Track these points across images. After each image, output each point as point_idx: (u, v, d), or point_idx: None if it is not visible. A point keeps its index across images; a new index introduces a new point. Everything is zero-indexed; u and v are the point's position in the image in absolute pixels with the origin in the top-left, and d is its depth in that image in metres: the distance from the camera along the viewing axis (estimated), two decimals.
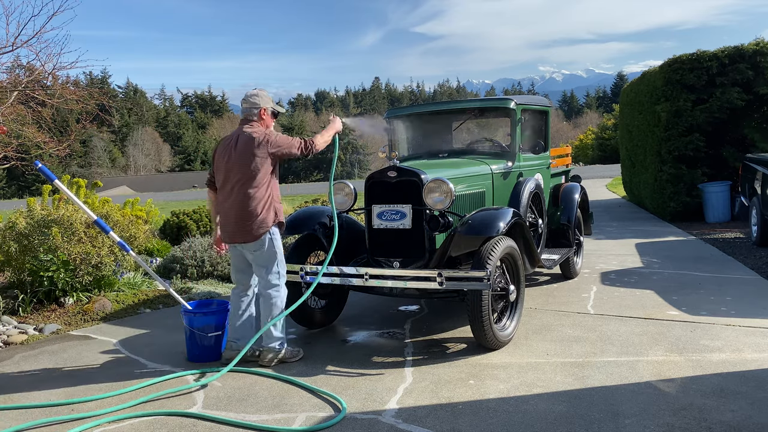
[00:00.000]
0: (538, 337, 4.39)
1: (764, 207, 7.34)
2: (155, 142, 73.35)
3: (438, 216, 4.21)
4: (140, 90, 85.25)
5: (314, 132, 64.46)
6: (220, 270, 6.85)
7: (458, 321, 4.94)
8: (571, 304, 5.33)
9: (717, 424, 2.89)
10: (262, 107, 4.13)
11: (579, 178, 6.96)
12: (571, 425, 2.96)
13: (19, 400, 3.61)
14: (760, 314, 4.69)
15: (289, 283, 4.61)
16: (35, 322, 5.33)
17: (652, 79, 11.05)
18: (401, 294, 4.46)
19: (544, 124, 6.08)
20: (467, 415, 3.15)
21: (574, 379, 3.57)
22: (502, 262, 4.22)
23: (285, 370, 3.93)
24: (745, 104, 9.90)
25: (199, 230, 8.91)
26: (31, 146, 8.62)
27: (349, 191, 4.77)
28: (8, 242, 5.88)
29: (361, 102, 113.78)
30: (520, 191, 5.14)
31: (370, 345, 4.46)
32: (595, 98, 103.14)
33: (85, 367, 4.17)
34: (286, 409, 3.33)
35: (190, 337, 4.20)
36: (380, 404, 3.33)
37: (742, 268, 6.43)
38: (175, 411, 3.33)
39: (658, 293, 5.51)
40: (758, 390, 3.27)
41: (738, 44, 10.17)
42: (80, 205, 4.52)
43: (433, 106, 6.06)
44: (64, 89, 8.37)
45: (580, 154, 46.72)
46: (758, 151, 9.45)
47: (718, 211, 10.00)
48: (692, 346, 4.05)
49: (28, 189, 49.70)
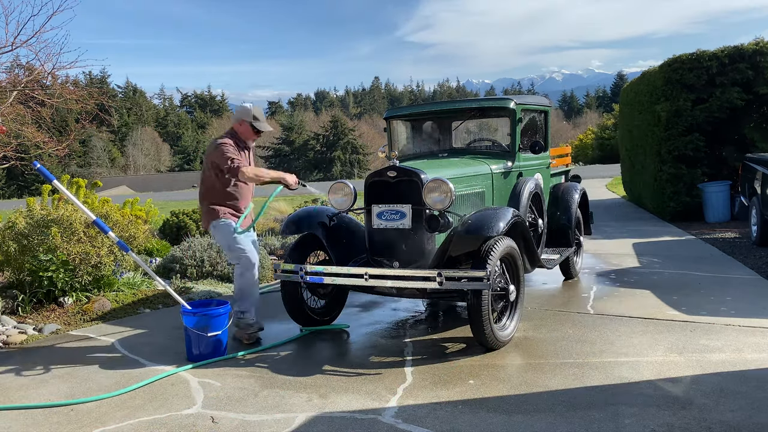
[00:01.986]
0: (538, 337, 4.39)
1: (764, 207, 7.34)
2: (155, 141, 73.33)
3: (438, 216, 4.21)
4: (140, 90, 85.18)
5: (313, 131, 63.86)
6: (220, 270, 6.84)
7: (458, 321, 4.94)
8: (571, 304, 5.33)
9: (717, 424, 2.89)
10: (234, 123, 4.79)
11: (579, 177, 6.96)
12: (571, 425, 2.96)
13: (19, 400, 3.60)
14: (760, 314, 4.69)
15: (289, 282, 4.62)
16: (35, 322, 5.32)
17: (651, 79, 11.04)
18: (401, 294, 4.46)
19: (544, 123, 6.07)
20: (467, 415, 3.14)
21: (574, 378, 3.56)
22: (502, 262, 4.22)
23: (285, 370, 3.93)
24: (744, 104, 9.90)
25: (199, 230, 8.90)
26: (30, 146, 8.62)
27: (349, 191, 4.77)
28: (8, 242, 5.87)
29: (360, 102, 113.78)
30: (519, 191, 5.13)
31: (369, 345, 4.46)
32: (595, 98, 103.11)
33: (84, 367, 4.16)
34: (286, 409, 3.33)
35: (189, 337, 4.20)
36: (380, 404, 3.33)
37: (742, 268, 6.43)
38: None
39: (658, 293, 5.51)
40: (758, 390, 3.27)
41: (738, 44, 10.17)
42: (79, 205, 4.53)
43: (432, 106, 6.06)
44: (63, 89, 8.37)
45: (580, 154, 46.69)
46: (758, 151, 9.45)
47: (717, 211, 9.99)
48: (692, 346, 4.05)
49: (28, 189, 49.67)
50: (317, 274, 4.34)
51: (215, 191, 4.63)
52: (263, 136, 4.98)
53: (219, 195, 4.63)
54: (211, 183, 4.63)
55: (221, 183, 4.59)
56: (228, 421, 3.20)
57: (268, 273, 6.92)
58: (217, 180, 4.59)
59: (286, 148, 66.34)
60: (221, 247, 5.00)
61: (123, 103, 72.43)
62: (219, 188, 4.62)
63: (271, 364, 4.10)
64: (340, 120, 65.78)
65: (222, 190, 4.62)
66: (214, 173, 4.59)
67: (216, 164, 4.54)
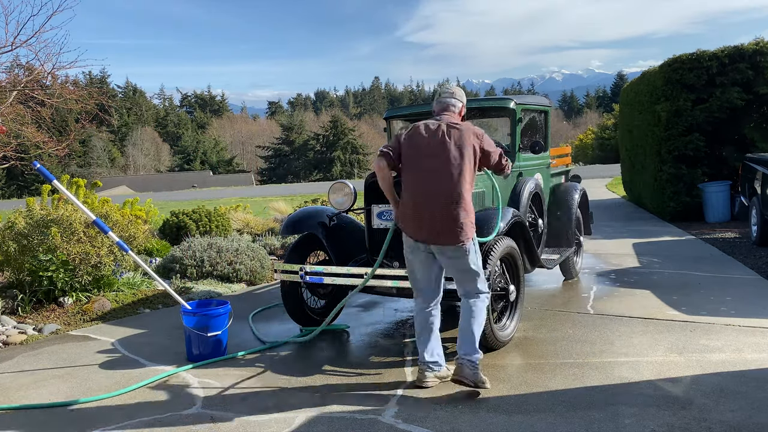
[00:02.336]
0: (538, 337, 4.39)
1: (764, 207, 7.33)
2: (154, 141, 73.27)
3: None
4: (139, 90, 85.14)
5: (313, 131, 63.56)
6: (220, 270, 6.84)
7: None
8: (571, 304, 5.33)
9: (717, 424, 2.89)
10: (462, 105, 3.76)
11: (579, 177, 6.95)
12: (571, 425, 2.96)
13: (18, 400, 3.60)
14: (760, 314, 4.69)
15: (289, 282, 4.62)
16: (34, 322, 5.32)
17: (652, 79, 11.04)
18: (401, 294, 4.46)
19: (544, 123, 6.07)
20: (467, 415, 3.14)
21: (574, 378, 3.56)
22: (502, 262, 4.22)
23: (285, 370, 3.93)
24: (745, 104, 9.89)
25: (199, 230, 8.90)
26: (30, 146, 8.61)
27: (349, 191, 4.77)
28: (7, 242, 5.88)
29: (360, 102, 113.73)
30: (520, 191, 5.13)
31: (369, 345, 4.46)
32: (595, 98, 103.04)
33: (84, 367, 4.16)
34: (285, 408, 3.32)
35: (189, 337, 4.20)
36: (380, 404, 3.33)
37: (742, 268, 6.43)
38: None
39: (658, 293, 5.51)
40: (758, 390, 3.27)
41: (738, 44, 10.17)
42: (79, 205, 4.52)
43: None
44: (63, 89, 8.37)
45: (580, 154, 46.71)
46: (758, 151, 9.45)
47: (717, 210, 9.99)
48: (692, 346, 4.05)
49: (28, 189, 49.64)
50: (317, 274, 4.34)
51: (466, 192, 3.47)
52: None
53: (468, 197, 3.49)
54: (468, 179, 3.48)
55: (471, 181, 3.52)
56: (228, 421, 3.20)
57: (268, 273, 6.92)
58: (470, 176, 3.49)
59: (286, 148, 66.30)
60: (464, 269, 3.53)
61: (123, 103, 72.38)
62: (468, 189, 3.50)
63: (271, 364, 4.10)
64: (340, 120, 65.73)
65: (469, 191, 3.53)
66: (470, 165, 3.48)
67: (486, 153, 3.56)
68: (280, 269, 4.49)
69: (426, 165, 3.48)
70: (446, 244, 3.43)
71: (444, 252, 3.48)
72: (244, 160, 74.42)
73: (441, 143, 3.48)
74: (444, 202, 3.41)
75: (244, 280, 6.84)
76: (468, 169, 3.46)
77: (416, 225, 3.48)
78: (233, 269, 6.82)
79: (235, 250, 7.04)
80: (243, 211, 11.21)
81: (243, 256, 6.98)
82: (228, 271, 6.82)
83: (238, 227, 10.02)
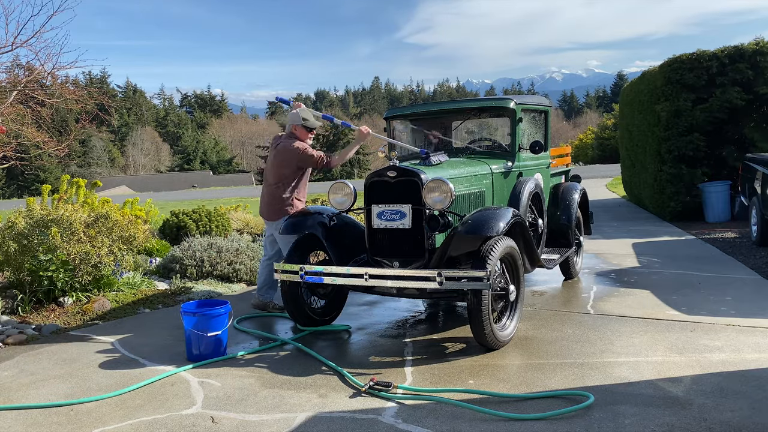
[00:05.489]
0: (538, 337, 4.39)
1: (764, 207, 7.33)
2: (154, 141, 73.33)
3: (438, 216, 4.21)
4: (139, 90, 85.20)
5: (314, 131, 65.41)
6: (220, 270, 6.84)
7: (458, 321, 4.94)
8: (571, 304, 5.33)
9: (717, 424, 2.89)
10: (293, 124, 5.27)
11: (579, 177, 6.95)
12: (571, 425, 2.96)
13: (18, 400, 3.60)
14: (760, 314, 4.69)
15: (289, 282, 4.61)
16: (34, 321, 5.32)
17: (652, 79, 11.04)
18: (401, 294, 4.46)
19: (543, 123, 6.07)
20: (467, 414, 3.14)
21: (574, 378, 3.56)
22: (502, 262, 4.22)
23: (285, 370, 3.93)
24: (745, 104, 9.90)
25: (199, 230, 8.90)
26: (30, 146, 8.62)
27: (349, 191, 4.77)
28: (7, 242, 5.87)
29: (360, 102, 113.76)
30: (519, 191, 5.13)
31: (369, 345, 4.46)
32: (595, 98, 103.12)
33: (84, 367, 4.16)
34: (286, 409, 3.32)
35: (189, 337, 4.20)
36: (380, 404, 3.33)
37: (742, 268, 6.43)
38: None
39: (657, 293, 5.51)
40: (758, 390, 3.27)
41: (738, 44, 10.17)
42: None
43: (432, 106, 6.05)
44: (63, 89, 8.37)
45: (580, 154, 46.69)
46: (758, 151, 9.45)
47: (717, 210, 9.99)
48: (692, 346, 4.05)
49: (28, 189, 49.67)
50: (317, 274, 4.34)
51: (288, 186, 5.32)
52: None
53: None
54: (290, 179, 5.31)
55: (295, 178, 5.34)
56: (228, 421, 3.20)
57: None
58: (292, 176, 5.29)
59: None
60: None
61: (123, 103, 72.38)
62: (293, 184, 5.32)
63: (271, 364, 4.10)
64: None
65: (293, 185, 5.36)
66: (289, 171, 5.24)
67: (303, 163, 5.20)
68: (280, 269, 4.49)
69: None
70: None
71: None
72: (244, 160, 74.45)
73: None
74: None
75: (244, 280, 6.85)
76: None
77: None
78: (233, 269, 6.82)
79: (235, 250, 7.04)
80: (243, 211, 11.21)
81: (243, 256, 6.98)
82: (228, 271, 6.82)
83: (238, 227, 10.02)
